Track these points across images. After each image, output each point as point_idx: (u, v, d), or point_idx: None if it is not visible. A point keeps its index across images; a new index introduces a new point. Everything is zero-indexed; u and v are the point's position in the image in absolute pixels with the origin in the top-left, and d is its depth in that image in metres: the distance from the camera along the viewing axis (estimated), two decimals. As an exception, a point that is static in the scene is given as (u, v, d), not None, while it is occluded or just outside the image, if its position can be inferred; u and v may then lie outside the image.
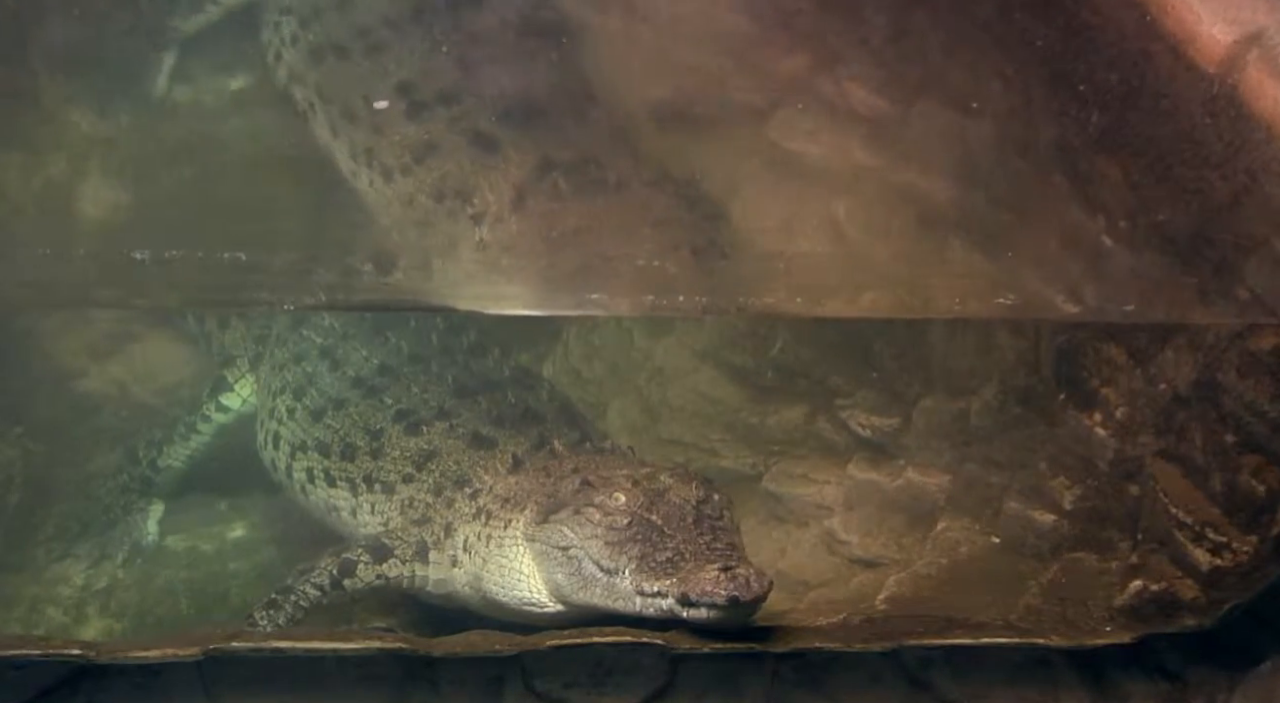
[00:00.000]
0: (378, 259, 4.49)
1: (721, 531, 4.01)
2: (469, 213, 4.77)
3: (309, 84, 5.26)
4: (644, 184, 4.92)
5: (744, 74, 5.24)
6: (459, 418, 4.69)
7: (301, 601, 4.38)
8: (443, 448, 4.63)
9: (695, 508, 4.05)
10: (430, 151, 4.90)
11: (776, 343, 5.40)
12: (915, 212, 4.57)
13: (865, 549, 4.89)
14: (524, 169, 4.78)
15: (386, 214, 5.01)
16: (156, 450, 5.33)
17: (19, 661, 3.53)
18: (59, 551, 5.18)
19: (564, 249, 4.68)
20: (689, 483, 4.12)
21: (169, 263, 4.04)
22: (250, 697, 3.70)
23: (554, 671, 3.81)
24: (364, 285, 4.32)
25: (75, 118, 5.32)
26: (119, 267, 4.10)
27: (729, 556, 3.87)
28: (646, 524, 3.99)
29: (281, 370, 5.14)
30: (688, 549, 3.89)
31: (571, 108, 5.11)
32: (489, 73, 5.09)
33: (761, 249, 4.97)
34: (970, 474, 4.74)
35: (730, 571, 3.76)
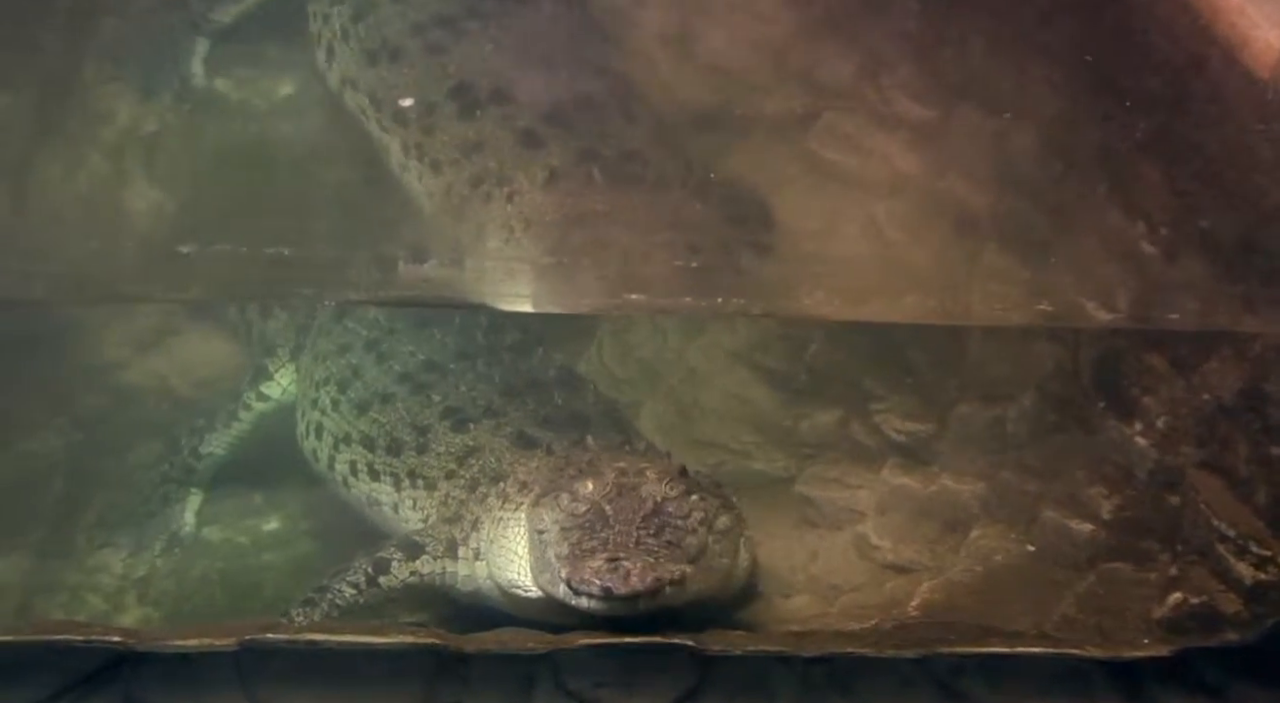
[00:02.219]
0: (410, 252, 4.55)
1: (670, 529, 3.96)
2: (502, 194, 4.82)
3: (361, 85, 5.33)
4: (684, 185, 4.93)
5: (786, 78, 5.26)
6: (506, 417, 4.72)
7: (338, 599, 4.43)
8: (486, 445, 4.66)
9: (657, 505, 4.02)
10: (477, 148, 4.96)
11: (811, 346, 5.39)
12: (955, 217, 4.56)
13: (898, 555, 4.86)
14: (563, 158, 4.84)
15: (430, 204, 5.06)
16: (199, 438, 5.39)
17: (62, 645, 3.59)
18: (100, 539, 5.25)
19: (581, 229, 4.71)
20: (663, 481, 4.09)
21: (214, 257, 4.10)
22: (284, 689, 3.73)
23: (585, 670, 3.82)
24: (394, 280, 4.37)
25: (116, 107, 5.41)
26: (164, 260, 4.17)
27: (638, 551, 3.81)
28: (598, 513, 3.99)
29: (325, 361, 5.18)
30: (615, 541, 3.86)
31: (621, 108, 5.14)
32: (541, 73, 5.13)
33: (801, 252, 4.97)
34: (1006, 482, 4.70)
35: (615, 562, 3.71)
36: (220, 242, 4.26)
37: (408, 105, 5.14)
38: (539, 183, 4.82)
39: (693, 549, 3.99)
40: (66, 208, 5.09)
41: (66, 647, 3.59)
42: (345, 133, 5.46)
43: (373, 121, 5.33)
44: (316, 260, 4.31)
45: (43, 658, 3.59)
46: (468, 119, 5.02)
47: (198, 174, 5.42)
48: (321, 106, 5.64)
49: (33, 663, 3.58)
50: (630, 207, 4.76)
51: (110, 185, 5.27)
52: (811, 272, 4.85)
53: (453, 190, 4.98)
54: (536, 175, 4.83)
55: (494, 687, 3.80)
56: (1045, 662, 3.87)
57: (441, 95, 5.12)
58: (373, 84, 5.30)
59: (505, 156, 4.92)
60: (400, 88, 5.21)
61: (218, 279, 4.31)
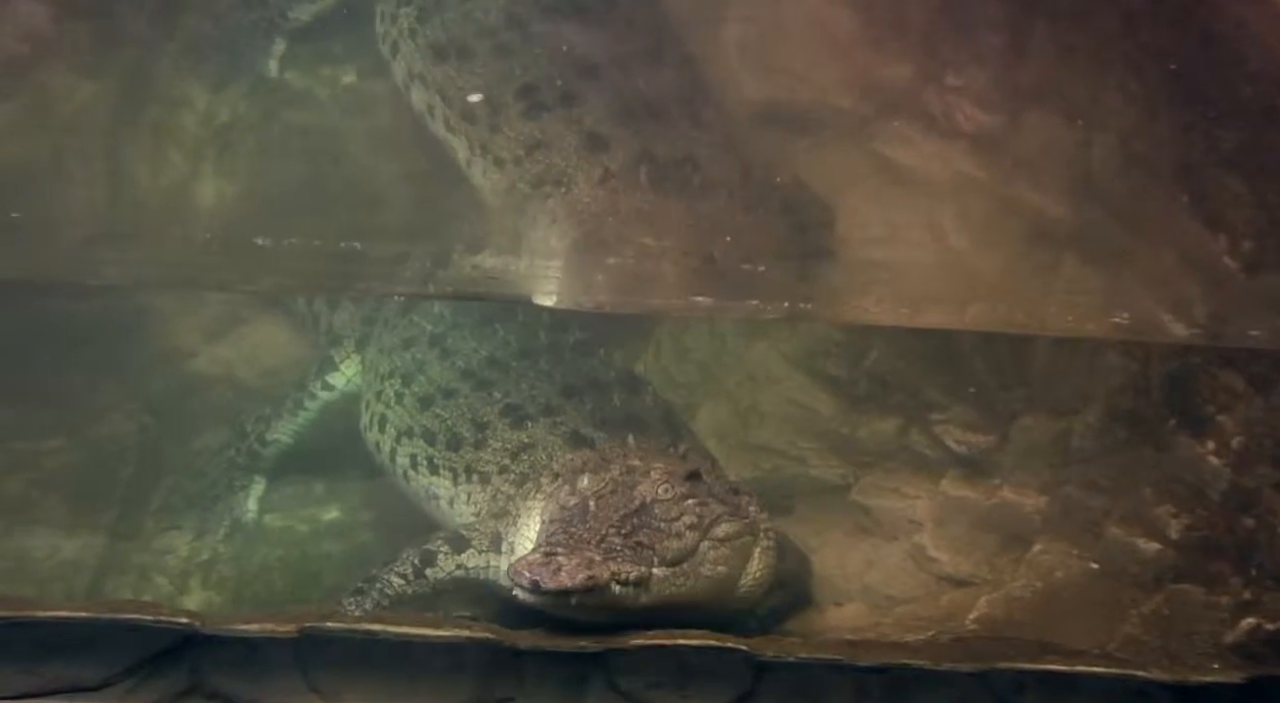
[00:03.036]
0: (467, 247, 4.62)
1: (648, 530, 3.94)
2: (559, 193, 4.87)
3: (430, 84, 5.40)
4: (733, 191, 4.94)
5: (851, 80, 5.22)
6: (564, 415, 4.75)
7: (387, 590, 4.48)
8: (540, 443, 4.69)
9: (644, 505, 4.01)
10: (540, 147, 5.01)
11: (871, 353, 5.34)
12: (1025, 225, 4.48)
13: (955, 567, 4.80)
14: (619, 159, 4.88)
15: (493, 200, 5.14)
16: (265, 425, 5.48)
17: (133, 624, 3.69)
18: (166, 522, 5.36)
19: (610, 226, 4.75)
20: (660, 482, 4.07)
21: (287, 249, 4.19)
22: (341, 677, 3.79)
23: (638, 670, 3.83)
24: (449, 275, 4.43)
25: (193, 102, 5.54)
26: (240, 251, 4.27)
27: (595, 549, 3.79)
28: (582, 509, 4.00)
29: (390, 355, 5.23)
30: (580, 537, 3.85)
31: (687, 112, 5.16)
32: (610, 76, 5.16)
33: (864, 257, 4.94)
34: (1069, 497, 4.62)
35: (550, 557, 3.70)
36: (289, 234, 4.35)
37: (476, 101, 5.20)
38: (593, 181, 4.87)
39: (671, 553, 3.96)
40: (147, 197, 5.23)
41: (137, 625, 3.69)
42: (412, 127, 5.54)
43: (439, 118, 5.40)
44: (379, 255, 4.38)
45: (114, 635, 3.70)
46: (534, 119, 5.07)
47: (267, 167, 5.54)
48: (388, 101, 5.73)
49: (105, 640, 3.69)
50: (666, 208, 4.79)
51: (186, 176, 5.40)
52: (874, 277, 4.82)
53: (515, 188, 5.03)
54: (592, 174, 4.88)
55: (547, 684, 3.83)
56: (1108, 682, 3.80)
57: (509, 94, 5.17)
58: (441, 81, 5.37)
59: (568, 156, 4.96)
60: (468, 86, 5.27)
61: (291, 271, 4.39)
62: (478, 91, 5.21)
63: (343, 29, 5.91)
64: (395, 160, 5.49)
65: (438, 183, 5.34)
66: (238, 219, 5.11)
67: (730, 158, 5.06)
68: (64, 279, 5.18)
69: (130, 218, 4.94)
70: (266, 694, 3.77)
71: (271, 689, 3.77)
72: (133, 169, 5.29)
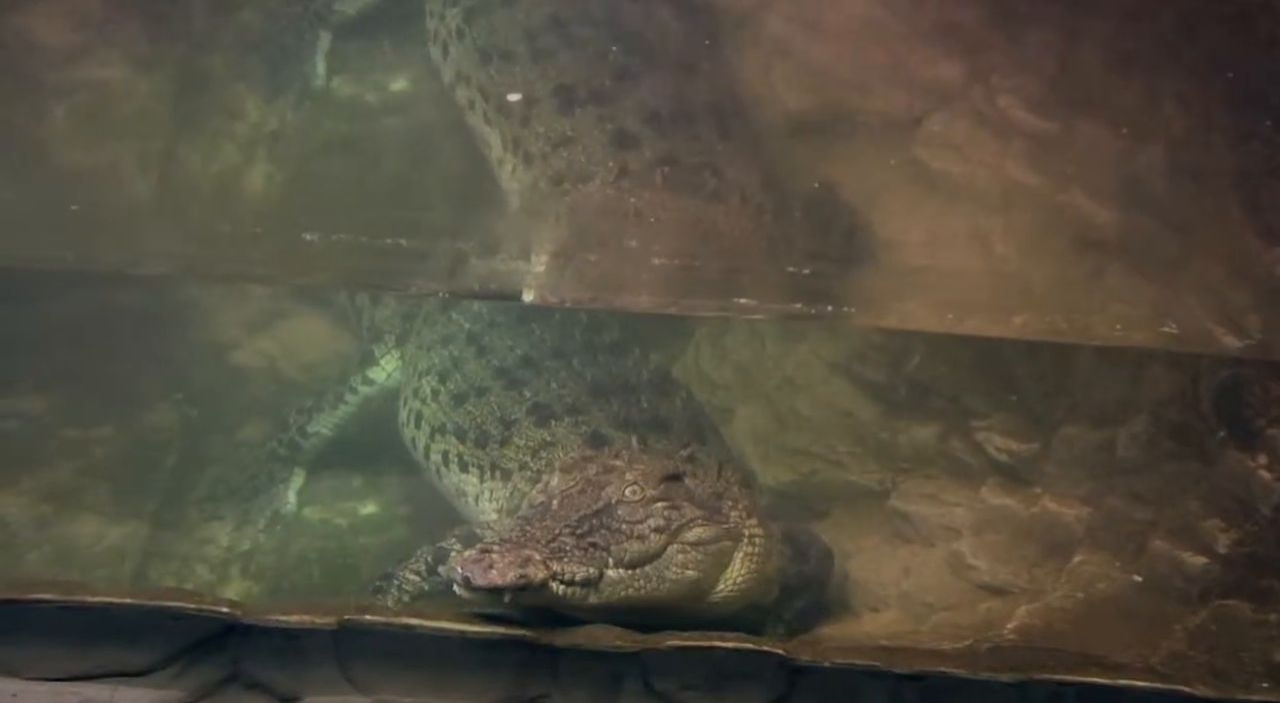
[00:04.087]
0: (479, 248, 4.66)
1: (606, 531, 3.92)
2: (575, 191, 4.91)
3: (473, 82, 5.44)
4: (748, 198, 4.94)
5: (893, 83, 5.18)
6: (588, 415, 4.77)
7: (404, 585, 4.52)
8: (561, 442, 4.71)
9: (608, 505, 3.99)
10: (568, 143, 5.05)
11: (912, 358, 5.30)
12: (1072, 233, 4.42)
13: (994, 576, 4.76)
14: (641, 160, 4.92)
15: (517, 199, 5.18)
16: (307, 417, 5.55)
17: (176, 612, 3.75)
18: (208, 512, 5.45)
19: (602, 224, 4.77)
20: (630, 484, 4.05)
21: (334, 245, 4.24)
22: (378, 670, 3.82)
23: (673, 671, 3.83)
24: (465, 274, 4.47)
25: (244, 100, 5.61)
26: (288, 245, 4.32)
27: (541, 547, 3.77)
28: (545, 508, 4.02)
29: (429, 351, 5.28)
30: (532, 535, 3.85)
31: (717, 118, 5.17)
32: (645, 79, 5.18)
33: (903, 262, 4.90)
34: (1112, 508, 4.56)
35: (485, 554, 3.69)
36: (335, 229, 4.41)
37: (515, 100, 5.24)
38: (607, 180, 4.91)
39: (629, 554, 3.94)
40: (199, 192, 5.31)
41: (180, 614, 3.74)
42: (454, 129, 5.59)
43: (479, 116, 5.45)
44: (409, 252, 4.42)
45: (159, 622, 3.76)
46: (565, 116, 5.11)
47: (315, 164, 5.60)
48: (432, 103, 5.77)
49: (150, 626, 3.75)
50: (670, 210, 4.82)
51: (237, 172, 5.47)
52: (913, 283, 4.79)
53: (537, 186, 5.07)
54: (609, 174, 4.92)
55: (582, 683, 3.84)
56: (1151, 697, 3.74)
57: (545, 92, 5.20)
58: (484, 81, 5.41)
59: (591, 155, 5.00)
60: (508, 85, 5.31)
61: (337, 266, 4.44)
62: (517, 90, 5.25)
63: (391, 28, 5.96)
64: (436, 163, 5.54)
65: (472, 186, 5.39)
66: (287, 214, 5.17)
67: (753, 165, 5.07)
68: (115, 271, 5.27)
69: (182, 211, 5.03)
70: (304, 685, 3.81)
71: (309, 680, 3.81)
72: (186, 164, 5.37)
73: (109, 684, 3.72)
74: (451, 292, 5.02)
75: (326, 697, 3.80)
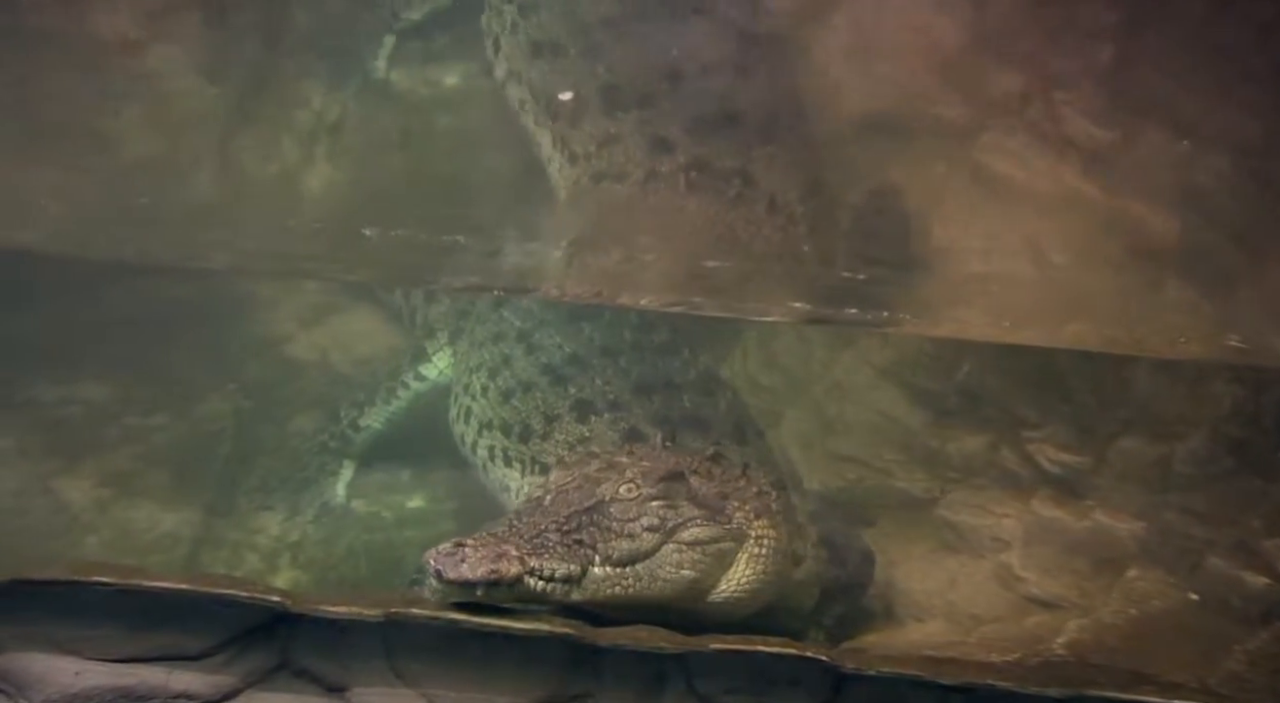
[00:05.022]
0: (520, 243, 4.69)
1: (595, 528, 3.89)
2: (609, 190, 4.94)
3: (524, 80, 5.49)
4: (779, 205, 4.93)
5: (952, 90, 5.14)
6: (629, 412, 4.77)
7: None
8: (598, 438, 4.73)
9: (600, 503, 3.96)
10: (611, 142, 5.07)
11: (963, 366, 5.25)
12: (1131, 243, 4.35)
13: (1043, 589, 4.69)
14: (675, 162, 4.94)
15: (561, 196, 5.22)
16: (359, 411, 5.61)
17: (228, 599, 3.79)
18: (259, 501, 5.52)
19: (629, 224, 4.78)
20: (626, 481, 4.03)
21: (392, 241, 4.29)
22: (424, 663, 3.83)
23: (717, 674, 3.81)
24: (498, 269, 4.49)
25: (305, 98, 5.70)
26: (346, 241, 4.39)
27: (522, 542, 3.75)
28: (537, 503, 4.01)
29: (480, 348, 5.33)
30: (519, 530, 3.83)
31: (764, 126, 5.17)
32: (694, 81, 5.18)
33: (960, 270, 4.86)
34: (1168, 523, 4.48)
35: (459, 547, 3.67)
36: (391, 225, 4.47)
37: (565, 99, 5.28)
38: (637, 180, 4.94)
39: (618, 552, 3.91)
40: (259, 188, 5.41)
41: (233, 601, 3.80)
42: (506, 126, 5.63)
43: (530, 115, 5.49)
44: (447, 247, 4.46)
45: (212, 609, 3.81)
46: (611, 116, 5.13)
47: (374, 161, 5.67)
48: (486, 101, 5.83)
49: (203, 612, 3.81)
50: (688, 212, 4.82)
51: (298, 169, 5.56)
52: (969, 291, 4.74)
53: (579, 183, 5.10)
54: (640, 174, 4.95)
55: (625, 683, 3.83)
56: (1207, 718, 3.66)
57: (594, 92, 5.22)
58: (535, 78, 5.45)
59: (631, 155, 5.03)
60: (558, 83, 5.35)
61: (393, 262, 4.50)
62: (567, 88, 5.29)
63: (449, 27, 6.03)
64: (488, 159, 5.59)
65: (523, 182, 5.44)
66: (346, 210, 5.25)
67: (793, 172, 5.05)
68: (176, 263, 5.38)
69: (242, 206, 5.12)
70: (351, 675, 3.83)
71: (356, 671, 3.83)
72: (246, 161, 5.46)
73: (164, 667, 3.77)
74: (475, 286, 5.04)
75: (373, 688, 3.82)
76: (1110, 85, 4.71)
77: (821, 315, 4.76)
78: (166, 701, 3.76)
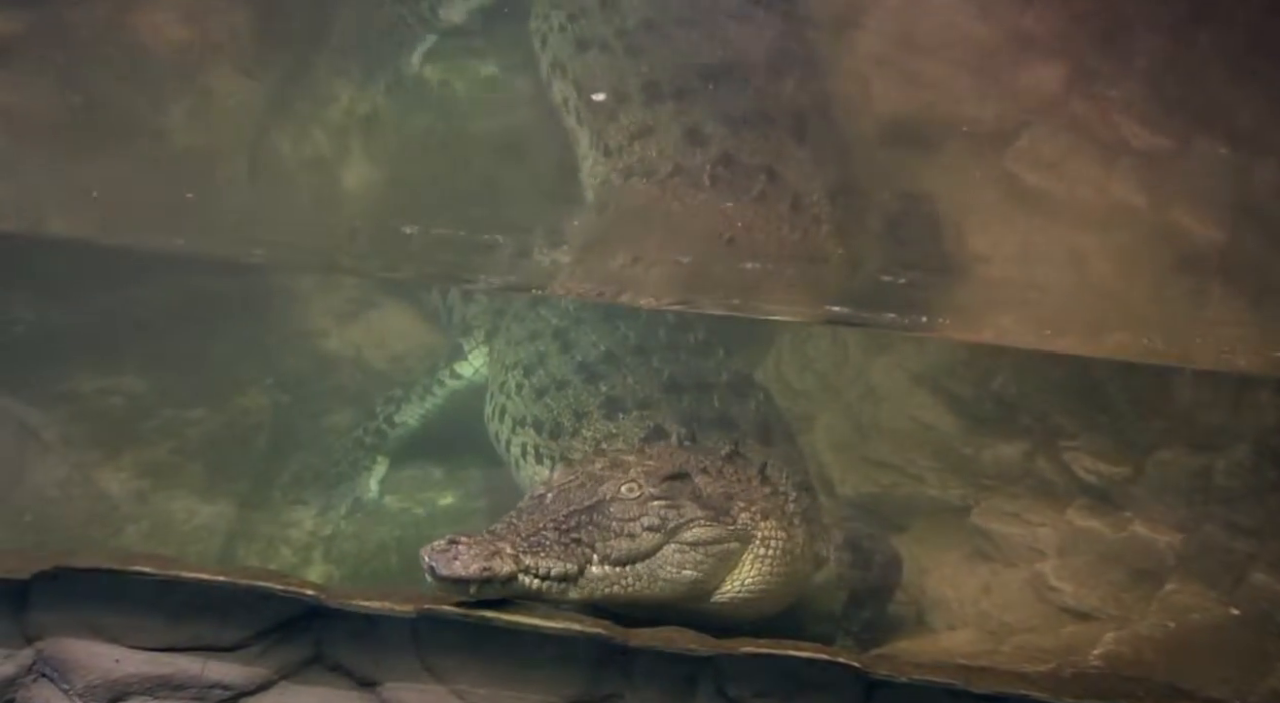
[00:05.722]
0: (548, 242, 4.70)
1: (593, 527, 3.89)
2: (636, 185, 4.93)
3: (569, 76, 5.51)
4: (803, 205, 4.90)
5: (991, 94, 5.09)
6: (656, 410, 4.77)
7: None
8: (624, 434, 4.73)
9: (600, 502, 3.95)
10: (642, 137, 5.10)
11: (999, 374, 5.20)
12: (1177, 252, 4.29)
13: (1079, 599, 4.64)
14: (698, 160, 4.91)
15: (593, 193, 5.23)
16: (394, 407, 5.65)
17: (263, 592, 3.83)
18: (294, 495, 5.59)
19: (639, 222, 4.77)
20: (627, 481, 4.01)
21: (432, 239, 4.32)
22: (455, 660, 3.85)
23: (747, 677, 3.80)
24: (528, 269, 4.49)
25: (338, 94, 5.74)
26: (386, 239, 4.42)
27: (519, 539, 3.75)
28: (538, 500, 4.00)
29: (517, 347, 5.36)
30: (517, 527, 3.83)
31: (795, 126, 5.16)
32: (734, 81, 5.18)
33: (992, 276, 4.81)
34: (1209, 536, 4.41)
35: (453, 544, 3.67)
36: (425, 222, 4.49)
37: (600, 99, 5.30)
38: (661, 176, 4.93)
39: (616, 551, 3.91)
40: (294, 183, 5.46)
41: (268, 593, 3.83)
42: (543, 125, 5.65)
43: (571, 112, 5.51)
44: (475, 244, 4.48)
45: (247, 601, 3.84)
46: (648, 109, 5.16)
47: (405, 158, 5.71)
48: (523, 99, 5.85)
49: (239, 604, 3.85)
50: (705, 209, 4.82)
51: (331, 165, 5.61)
52: (1004, 297, 4.69)
53: (609, 179, 5.12)
54: (665, 170, 4.95)
55: (655, 684, 3.82)
56: (1247, 734, 3.61)
57: (633, 88, 5.25)
58: (579, 73, 5.48)
59: (662, 150, 5.03)
60: (601, 79, 5.37)
61: (432, 260, 4.53)
62: (609, 86, 5.30)
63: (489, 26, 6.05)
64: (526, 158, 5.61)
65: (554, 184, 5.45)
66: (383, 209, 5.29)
67: (822, 174, 5.03)
68: (217, 258, 5.44)
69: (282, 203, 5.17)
70: (383, 670, 3.85)
71: (388, 666, 3.85)
72: (285, 159, 5.52)
73: (200, 657, 3.82)
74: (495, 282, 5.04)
75: (404, 683, 3.84)
76: (1158, 90, 4.63)
77: (836, 317, 4.74)
78: (202, 690, 3.80)
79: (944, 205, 5.01)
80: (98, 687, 3.76)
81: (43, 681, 3.79)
